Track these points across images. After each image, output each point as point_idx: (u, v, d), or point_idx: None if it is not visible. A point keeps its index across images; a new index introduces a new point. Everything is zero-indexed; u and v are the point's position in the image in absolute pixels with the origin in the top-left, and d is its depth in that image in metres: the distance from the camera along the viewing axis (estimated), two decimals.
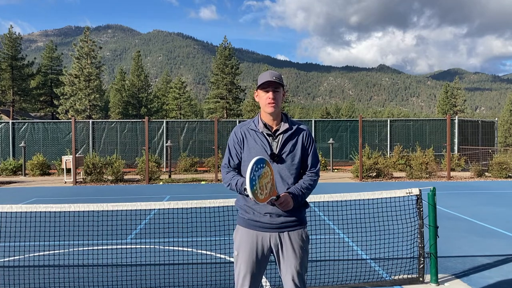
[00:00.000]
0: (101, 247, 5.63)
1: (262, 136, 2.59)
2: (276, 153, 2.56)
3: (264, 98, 2.58)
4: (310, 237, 2.69)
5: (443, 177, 15.15)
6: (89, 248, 5.66)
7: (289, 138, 2.61)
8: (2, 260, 5.26)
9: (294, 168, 2.59)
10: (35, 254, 5.43)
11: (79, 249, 5.67)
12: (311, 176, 2.64)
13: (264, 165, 2.36)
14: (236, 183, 2.55)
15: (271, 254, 2.62)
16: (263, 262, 2.59)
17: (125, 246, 5.81)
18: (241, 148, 2.64)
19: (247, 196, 2.47)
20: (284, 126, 2.62)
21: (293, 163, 2.59)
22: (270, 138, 2.59)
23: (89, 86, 39.41)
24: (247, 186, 2.25)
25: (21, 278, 4.46)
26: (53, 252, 5.52)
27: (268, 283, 4.30)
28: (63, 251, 5.59)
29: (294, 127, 2.64)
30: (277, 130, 2.61)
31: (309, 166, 2.65)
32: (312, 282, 4.29)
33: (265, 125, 2.62)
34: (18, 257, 5.32)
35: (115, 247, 5.71)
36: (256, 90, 2.64)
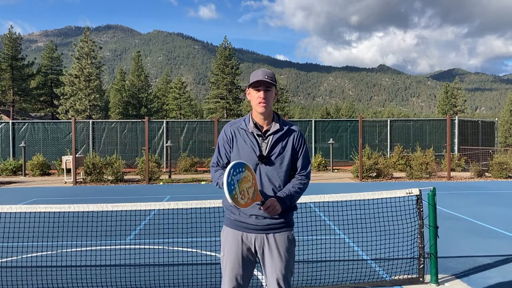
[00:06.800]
0: (100, 247, 5.63)
1: (251, 136, 2.53)
2: (265, 154, 2.49)
3: (255, 97, 2.52)
4: (311, 237, 2.68)
5: (443, 177, 15.14)
6: (88, 248, 5.66)
7: (279, 139, 2.54)
8: (2, 260, 5.25)
9: (282, 171, 2.52)
10: (33, 255, 5.43)
11: (79, 249, 5.67)
12: (300, 179, 2.56)
13: (243, 169, 2.30)
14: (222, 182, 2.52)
15: (257, 256, 2.56)
16: (249, 263, 2.53)
17: (124, 247, 5.80)
18: (230, 147, 2.58)
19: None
20: (275, 126, 2.54)
21: (281, 165, 2.52)
22: (260, 138, 2.53)
23: (89, 86, 39.46)
24: (225, 190, 2.21)
25: (21, 278, 4.45)
26: (51, 252, 5.51)
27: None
28: (61, 251, 5.58)
29: (285, 128, 2.56)
30: (267, 130, 2.54)
31: (299, 168, 2.58)
32: (312, 282, 4.28)
33: (255, 124, 2.55)
34: (17, 257, 5.32)
35: (115, 247, 5.71)
36: (248, 88, 2.58)
